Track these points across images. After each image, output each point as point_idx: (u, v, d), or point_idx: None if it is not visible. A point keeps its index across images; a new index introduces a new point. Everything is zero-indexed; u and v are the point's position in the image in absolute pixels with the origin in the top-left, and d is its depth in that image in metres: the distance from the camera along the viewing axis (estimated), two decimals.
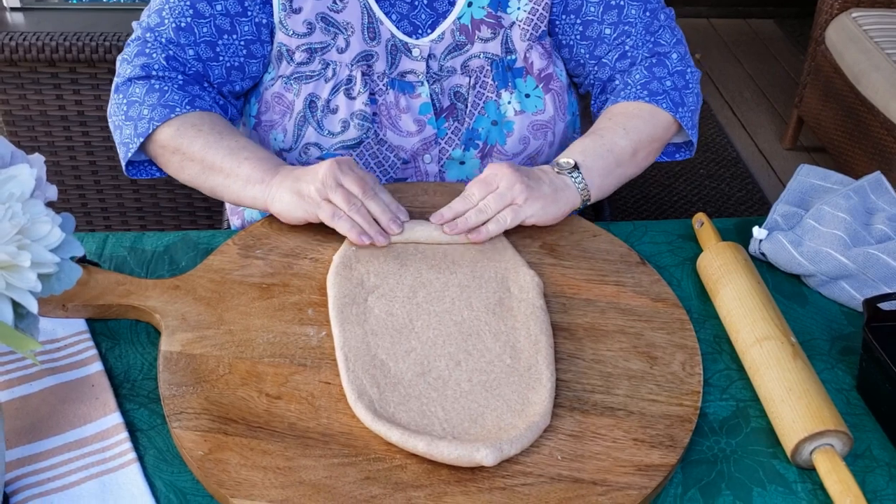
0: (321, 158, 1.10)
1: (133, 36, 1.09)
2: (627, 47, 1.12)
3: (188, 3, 1.06)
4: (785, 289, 1.00)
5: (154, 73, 1.05)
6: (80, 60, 1.66)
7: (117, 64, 1.09)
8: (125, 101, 1.06)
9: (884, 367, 0.83)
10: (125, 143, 1.05)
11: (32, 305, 0.56)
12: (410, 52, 1.09)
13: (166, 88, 1.04)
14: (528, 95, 1.12)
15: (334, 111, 1.09)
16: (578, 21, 1.12)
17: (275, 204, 0.97)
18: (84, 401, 0.82)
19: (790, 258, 0.99)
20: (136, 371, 0.86)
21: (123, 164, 1.06)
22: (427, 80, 1.10)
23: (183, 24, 1.06)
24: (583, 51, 1.14)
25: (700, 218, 1.06)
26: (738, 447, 0.81)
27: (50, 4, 1.75)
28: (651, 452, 0.76)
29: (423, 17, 1.09)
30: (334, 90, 1.09)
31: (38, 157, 0.61)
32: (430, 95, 1.10)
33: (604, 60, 1.14)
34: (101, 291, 0.91)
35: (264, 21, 1.08)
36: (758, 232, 1.02)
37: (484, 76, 1.11)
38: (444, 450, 0.73)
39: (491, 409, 0.78)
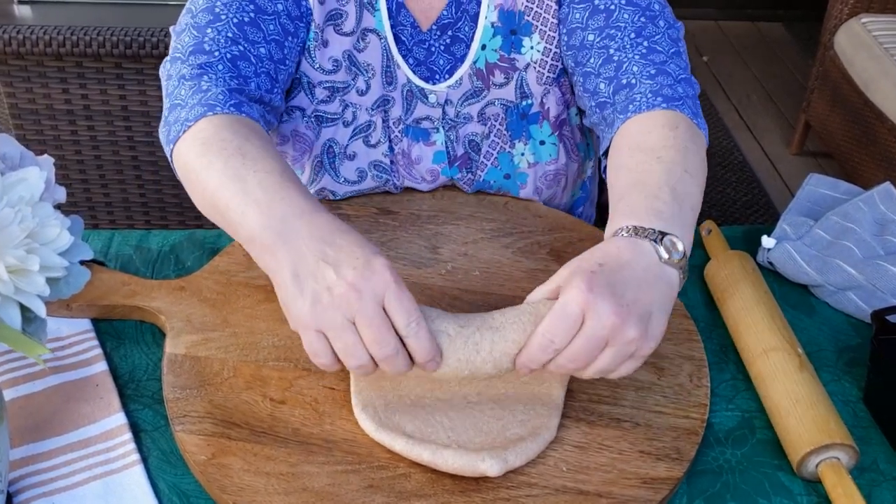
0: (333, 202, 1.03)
1: (182, 40, 0.95)
2: (612, 50, 0.96)
3: None
4: (792, 299, 0.99)
5: (211, 71, 0.92)
6: (86, 55, 1.66)
7: (162, 72, 0.95)
8: (168, 105, 0.92)
9: (891, 380, 0.82)
10: (168, 154, 0.91)
11: (41, 309, 0.56)
12: (427, 98, 1.05)
13: (213, 88, 0.90)
14: (542, 143, 1.08)
15: (351, 158, 1.06)
16: (564, 30, 1.02)
17: (274, 284, 0.74)
18: (88, 400, 0.82)
19: (798, 268, 0.99)
20: (141, 371, 0.86)
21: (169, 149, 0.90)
22: (442, 127, 1.06)
23: (247, 19, 0.95)
24: (569, 61, 1.02)
25: (708, 226, 1.05)
26: (744, 458, 0.81)
27: None
28: (657, 465, 0.76)
29: (442, 62, 1.05)
30: (353, 136, 1.05)
31: (47, 159, 0.60)
32: (445, 143, 1.07)
33: (587, 68, 0.99)
34: (105, 291, 0.91)
35: (307, 34, 1.01)
36: (766, 241, 1.01)
37: (499, 124, 1.07)
38: (448, 459, 0.72)
39: (497, 419, 0.77)
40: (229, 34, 0.93)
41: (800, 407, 0.80)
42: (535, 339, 0.71)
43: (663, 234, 0.74)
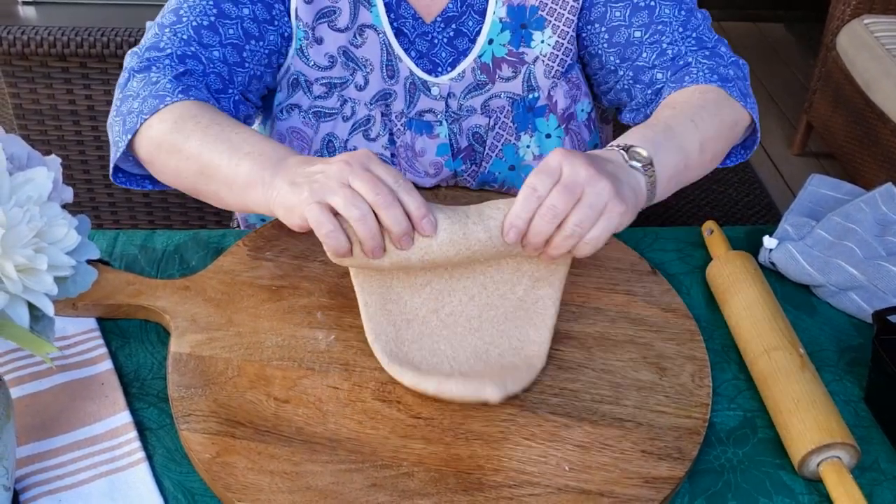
0: None
1: (146, 36, 1.01)
2: (665, 45, 1.01)
3: (212, 2, 0.99)
4: (794, 299, 1.00)
5: (157, 66, 0.95)
6: (90, 55, 1.67)
7: (125, 59, 0.99)
8: (121, 95, 0.96)
9: (892, 380, 0.83)
10: (115, 143, 0.94)
11: (49, 308, 0.56)
12: (430, 91, 1.06)
13: (161, 79, 0.93)
14: (548, 136, 1.09)
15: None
16: (603, 28, 1.04)
17: (278, 207, 0.79)
18: (94, 399, 0.83)
19: (800, 268, 0.99)
20: (146, 370, 0.87)
21: (111, 166, 0.96)
22: (446, 119, 1.07)
23: (206, 23, 0.98)
24: (612, 58, 1.05)
25: (710, 226, 1.06)
26: (745, 458, 0.81)
27: None
28: (659, 464, 0.76)
29: (444, 55, 1.06)
30: (353, 131, 1.06)
31: (55, 159, 0.61)
32: (449, 136, 1.07)
33: (638, 63, 1.03)
34: (111, 291, 0.91)
35: (287, 34, 1.04)
36: (768, 241, 1.02)
37: (504, 117, 1.07)
38: (453, 388, 0.77)
39: (495, 346, 0.83)
40: (184, 36, 0.98)
41: (801, 406, 0.80)
42: (520, 193, 0.76)
43: (631, 146, 0.83)
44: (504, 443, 0.77)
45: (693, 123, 0.90)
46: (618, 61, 1.05)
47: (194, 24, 0.99)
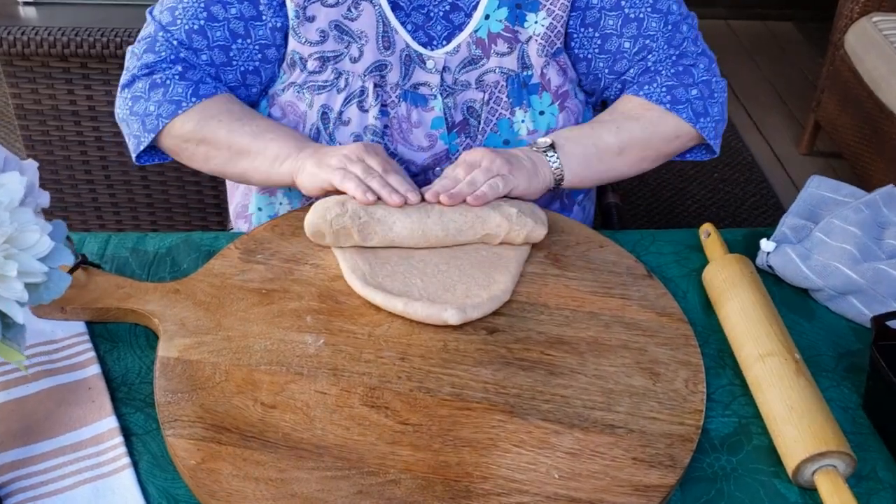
0: None
1: (144, 31, 1.08)
2: (650, 63, 1.11)
3: (202, 5, 1.05)
4: (792, 303, 0.98)
5: (157, 70, 1.05)
6: (91, 56, 1.67)
7: (126, 56, 1.08)
8: (130, 97, 1.06)
9: (891, 387, 0.81)
10: (135, 136, 1.06)
11: (18, 315, 0.55)
12: (425, 64, 1.08)
13: (168, 81, 1.04)
14: (542, 113, 1.10)
15: (346, 123, 1.08)
16: (597, 34, 1.10)
17: (300, 175, 0.99)
18: (80, 404, 0.82)
19: (798, 272, 0.97)
20: (134, 375, 0.86)
21: (134, 155, 1.07)
22: (441, 94, 1.08)
23: (196, 27, 1.05)
24: (601, 64, 1.12)
25: (707, 228, 1.04)
26: (739, 465, 0.80)
27: None
28: (650, 472, 0.75)
29: (439, 28, 1.07)
30: (347, 101, 1.08)
31: (32, 164, 0.60)
32: (443, 110, 1.09)
33: (625, 77, 1.12)
34: (100, 294, 0.91)
35: (279, 25, 1.07)
36: (765, 244, 1.00)
37: (499, 92, 1.09)
38: (418, 309, 0.87)
39: (462, 283, 0.91)
40: (174, 42, 1.06)
41: (795, 414, 0.79)
42: (443, 177, 0.99)
43: (536, 140, 1.07)
44: (493, 450, 0.76)
45: (616, 128, 1.08)
46: (606, 70, 1.13)
47: (186, 27, 1.06)
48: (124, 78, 1.07)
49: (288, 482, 0.73)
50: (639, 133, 1.08)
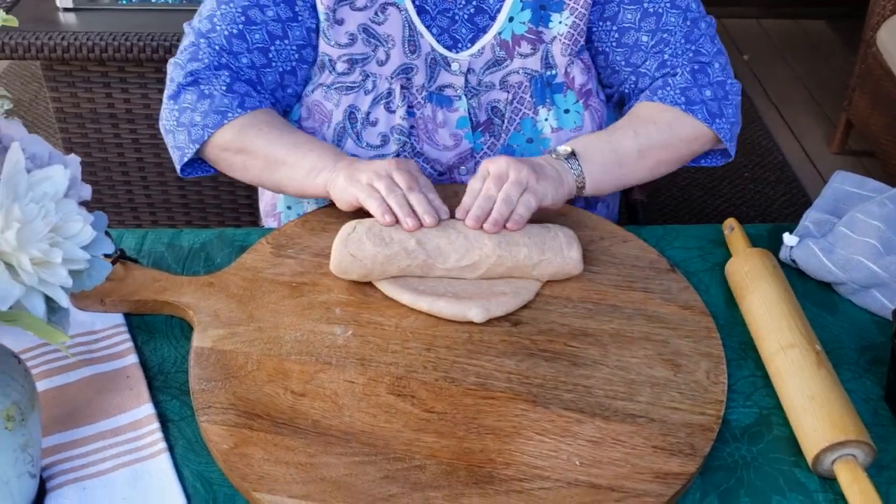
0: None
1: (185, 42, 1.10)
2: (667, 56, 1.11)
3: (240, 9, 1.08)
4: (815, 296, 0.99)
5: (203, 78, 1.07)
6: (128, 60, 1.71)
7: (169, 68, 1.09)
8: (177, 108, 1.07)
9: None
10: (179, 148, 1.07)
11: (63, 300, 0.58)
12: (449, 66, 1.09)
13: (215, 93, 1.06)
14: (567, 111, 1.12)
15: (374, 124, 1.10)
16: (615, 28, 1.11)
17: (333, 188, 1.01)
18: (119, 391, 0.85)
19: (821, 266, 0.98)
20: (170, 364, 0.89)
21: (179, 167, 1.09)
22: (465, 95, 1.10)
23: (235, 31, 1.08)
24: (619, 58, 1.13)
25: (730, 223, 1.05)
26: (759, 454, 0.81)
27: (101, 5, 1.80)
28: (670, 460, 0.76)
29: (464, 31, 1.09)
30: (374, 103, 1.10)
31: (74, 158, 0.63)
32: (468, 110, 1.11)
33: (642, 70, 1.13)
34: (137, 287, 0.94)
35: (314, 26, 1.10)
36: (788, 238, 1.01)
37: (522, 92, 1.11)
38: (443, 307, 0.89)
39: (487, 280, 0.94)
40: (216, 47, 1.08)
41: (815, 404, 0.80)
42: (477, 194, 0.98)
43: (556, 147, 1.07)
44: (516, 437, 0.78)
45: (634, 133, 1.08)
46: (623, 62, 1.13)
47: (226, 33, 1.08)
48: (170, 89, 1.09)
49: (317, 467, 0.75)
50: (657, 136, 1.08)
